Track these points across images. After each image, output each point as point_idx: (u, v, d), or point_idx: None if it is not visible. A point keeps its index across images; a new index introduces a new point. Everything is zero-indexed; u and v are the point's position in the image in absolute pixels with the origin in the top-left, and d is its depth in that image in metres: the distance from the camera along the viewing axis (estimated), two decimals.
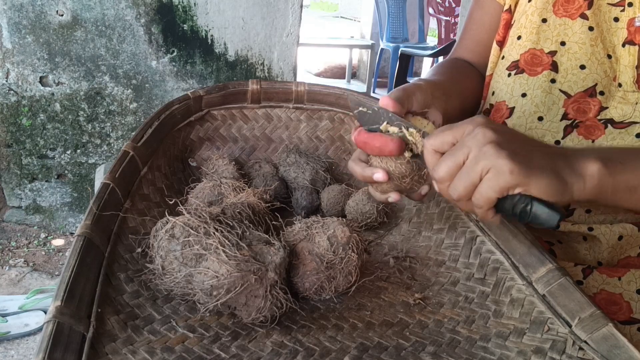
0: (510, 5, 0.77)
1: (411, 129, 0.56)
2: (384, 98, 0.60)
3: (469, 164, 0.49)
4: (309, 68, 5.59)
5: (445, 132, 0.52)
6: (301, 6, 1.91)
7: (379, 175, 0.58)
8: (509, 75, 0.74)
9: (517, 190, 0.47)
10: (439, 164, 0.51)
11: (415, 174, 0.59)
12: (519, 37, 0.74)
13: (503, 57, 0.76)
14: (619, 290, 0.68)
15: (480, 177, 0.48)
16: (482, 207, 0.50)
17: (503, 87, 0.75)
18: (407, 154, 0.57)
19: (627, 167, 0.51)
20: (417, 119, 0.62)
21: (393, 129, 0.57)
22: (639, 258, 0.71)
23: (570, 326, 0.50)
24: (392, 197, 0.61)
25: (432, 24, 5.53)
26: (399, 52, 4.58)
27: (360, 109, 0.58)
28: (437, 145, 0.52)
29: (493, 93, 0.77)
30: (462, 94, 0.78)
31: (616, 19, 0.68)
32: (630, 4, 0.67)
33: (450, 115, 0.66)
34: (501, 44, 0.79)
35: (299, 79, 2.34)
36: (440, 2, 4.93)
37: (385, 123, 0.57)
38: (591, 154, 0.51)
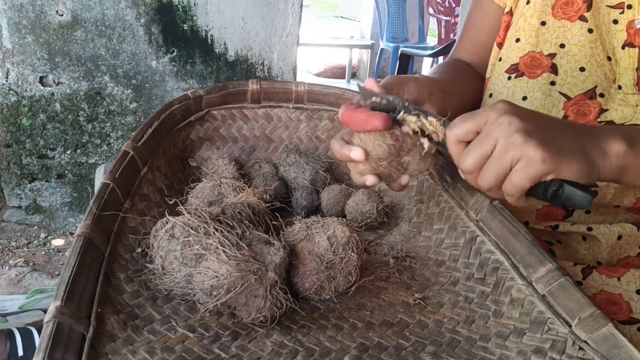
0: (511, 7, 0.77)
1: (430, 118, 0.54)
2: (368, 80, 0.59)
3: (497, 155, 0.48)
4: (309, 68, 5.59)
5: (468, 121, 0.51)
6: (301, 6, 1.91)
7: (357, 154, 0.56)
8: (509, 78, 0.74)
9: (549, 177, 0.48)
10: (464, 155, 0.51)
11: (394, 160, 0.57)
12: (517, 40, 0.74)
13: (500, 59, 0.76)
14: (618, 290, 0.68)
15: (511, 166, 0.48)
16: (514, 195, 0.50)
17: (503, 90, 0.75)
18: (425, 143, 0.55)
19: None
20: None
21: (411, 118, 0.55)
22: (639, 258, 0.71)
23: (570, 326, 0.50)
24: (369, 179, 0.60)
25: (432, 24, 5.54)
26: (399, 52, 4.59)
27: (374, 99, 0.57)
28: (461, 135, 0.51)
29: (490, 95, 0.77)
30: (461, 93, 0.77)
31: (615, 21, 0.68)
32: (629, 6, 0.67)
33: (447, 113, 0.66)
34: (501, 46, 0.78)
35: (299, 79, 2.34)
36: (440, 2, 4.94)
37: (402, 112, 0.55)
38: (617, 133, 0.51)
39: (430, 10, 5.06)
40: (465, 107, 0.79)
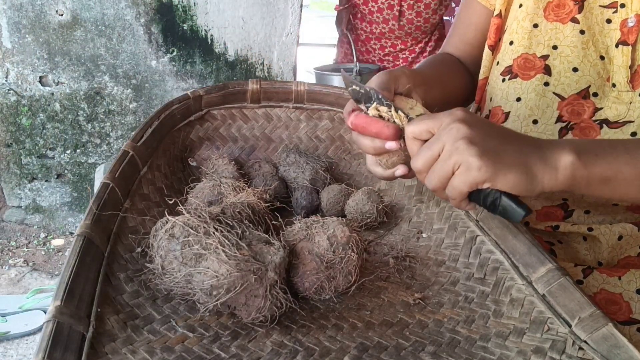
0: (500, 10, 0.78)
1: (399, 112, 0.57)
2: (371, 82, 0.61)
3: (442, 158, 0.51)
4: (309, 68, 5.59)
5: (425, 121, 0.54)
6: (301, 6, 1.91)
7: (392, 145, 0.58)
8: (503, 80, 0.74)
9: (485, 186, 0.50)
10: (416, 156, 0.54)
11: None
12: (511, 43, 0.75)
13: (498, 63, 0.77)
14: (618, 290, 0.68)
15: (453, 171, 0.51)
16: (455, 198, 0.52)
17: (498, 92, 0.75)
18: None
19: (601, 159, 0.52)
20: (403, 99, 0.62)
21: (382, 109, 0.58)
22: (639, 258, 0.71)
23: (570, 326, 0.50)
24: (400, 170, 0.61)
25: None
26: None
27: (354, 87, 0.60)
28: (416, 133, 0.54)
29: (491, 99, 0.78)
30: (444, 85, 0.79)
31: (608, 21, 0.68)
32: (622, 5, 0.67)
33: (430, 104, 0.66)
34: (493, 48, 0.79)
35: (298, 79, 2.33)
36: None
37: (375, 103, 0.59)
38: (566, 145, 0.52)
39: None
40: (449, 98, 0.81)
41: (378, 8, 2.09)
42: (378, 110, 0.58)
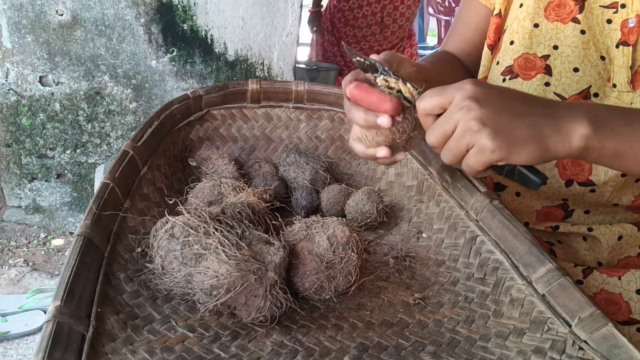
0: (500, 10, 0.77)
1: (408, 84, 0.57)
2: (372, 56, 0.61)
3: (455, 137, 0.52)
4: None
5: (436, 97, 0.53)
6: (301, 6, 1.91)
7: (384, 120, 0.56)
8: (504, 80, 0.74)
9: (500, 164, 0.51)
10: (429, 132, 0.54)
11: (410, 133, 0.59)
12: (511, 43, 0.74)
13: (498, 63, 0.77)
14: (618, 290, 0.68)
15: (467, 149, 0.52)
16: (471, 173, 0.54)
17: None
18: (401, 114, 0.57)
19: (617, 133, 0.52)
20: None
21: (391, 80, 0.57)
22: (639, 258, 0.71)
23: (570, 326, 0.50)
24: (383, 151, 0.60)
25: (432, 23, 5.53)
26: None
27: (358, 58, 0.59)
28: (428, 109, 0.54)
29: None
30: (442, 81, 0.78)
31: (609, 21, 0.68)
32: (623, 6, 0.67)
33: None
34: (492, 47, 0.79)
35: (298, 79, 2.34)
36: (440, 1, 4.93)
37: (381, 76, 0.57)
38: (584, 114, 0.52)
39: (430, 10, 5.05)
40: None
41: (363, 14, 2.48)
42: (386, 82, 0.57)
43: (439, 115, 0.54)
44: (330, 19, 2.64)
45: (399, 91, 0.57)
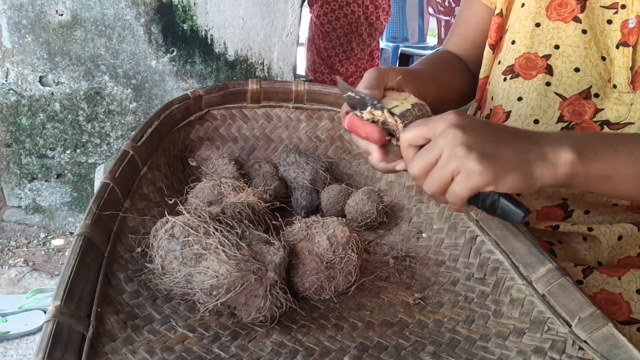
0: (501, 9, 0.78)
1: (395, 117, 0.57)
2: (361, 82, 0.61)
3: (441, 165, 0.51)
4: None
5: (419, 128, 0.53)
6: (301, 6, 1.91)
7: (373, 158, 0.59)
8: (505, 79, 0.74)
9: (487, 189, 0.50)
10: (412, 161, 0.54)
11: None
12: (513, 42, 0.74)
13: (499, 62, 0.77)
14: (618, 290, 0.68)
15: (452, 177, 0.51)
16: (456, 203, 0.53)
17: (499, 91, 0.75)
18: (394, 141, 0.58)
19: (601, 157, 0.52)
20: (395, 92, 0.63)
21: (377, 113, 0.58)
22: (639, 258, 0.71)
23: (570, 326, 0.50)
24: (402, 165, 0.60)
25: (432, 23, 5.53)
26: (399, 52, 4.58)
27: (349, 93, 0.60)
28: (411, 140, 0.54)
29: (492, 98, 0.78)
30: (439, 83, 0.79)
31: (609, 22, 0.68)
32: (623, 6, 0.67)
33: (425, 101, 0.66)
34: (494, 47, 0.79)
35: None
36: (440, 1, 4.93)
37: (369, 108, 0.59)
38: (566, 141, 0.52)
39: (430, 10, 5.05)
40: (446, 95, 0.81)
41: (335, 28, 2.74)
42: (372, 115, 0.58)
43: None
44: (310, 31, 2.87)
45: (384, 122, 0.58)
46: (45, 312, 1.64)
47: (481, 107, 0.83)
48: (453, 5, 4.86)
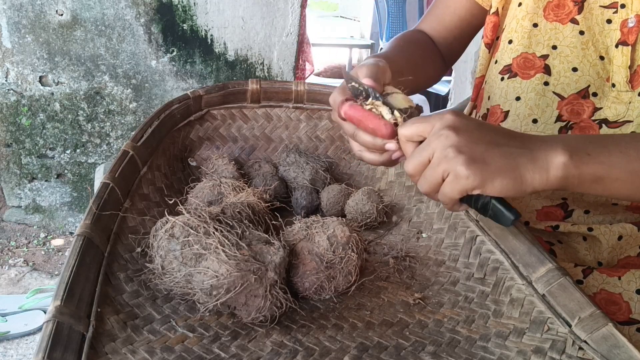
0: (497, 9, 0.78)
1: (397, 112, 0.57)
2: (361, 72, 0.60)
3: (432, 165, 0.52)
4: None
5: (416, 125, 0.54)
6: (301, 6, 1.91)
7: (392, 146, 0.58)
8: (502, 79, 0.74)
9: (475, 192, 0.51)
10: (407, 161, 0.55)
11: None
12: (510, 42, 0.75)
13: (496, 62, 0.77)
14: (618, 289, 0.68)
15: (442, 178, 0.51)
16: (447, 203, 0.53)
17: (497, 91, 0.75)
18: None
19: (593, 158, 0.52)
20: (390, 88, 0.63)
21: (378, 103, 0.58)
22: (639, 258, 0.71)
23: (570, 326, 0.50)
24: (398, 153, 0.60)
25: None
26: None
27: (353, 84, 0.60)
28: (408, 136, 0.55)
29: (489, 98, 0.78)
30: (415, 70, 0.78)
31: (609, 21, 0.69)
32: (622, 6, 0.67)
33: (402, 87, 0.66)
34: (489, 46, 0.79)
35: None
36: None
37: (371, 99, 0.59)
38: (558, 144, 0.52)
39: None
40: (421, 80, 0.82)
41: None
42: (373, 105, 0.58)
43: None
44: None
45: (383, 116, 0.58)
46: (45, 312, 1.64)
47: (477, 107, 0.83)
48: None
